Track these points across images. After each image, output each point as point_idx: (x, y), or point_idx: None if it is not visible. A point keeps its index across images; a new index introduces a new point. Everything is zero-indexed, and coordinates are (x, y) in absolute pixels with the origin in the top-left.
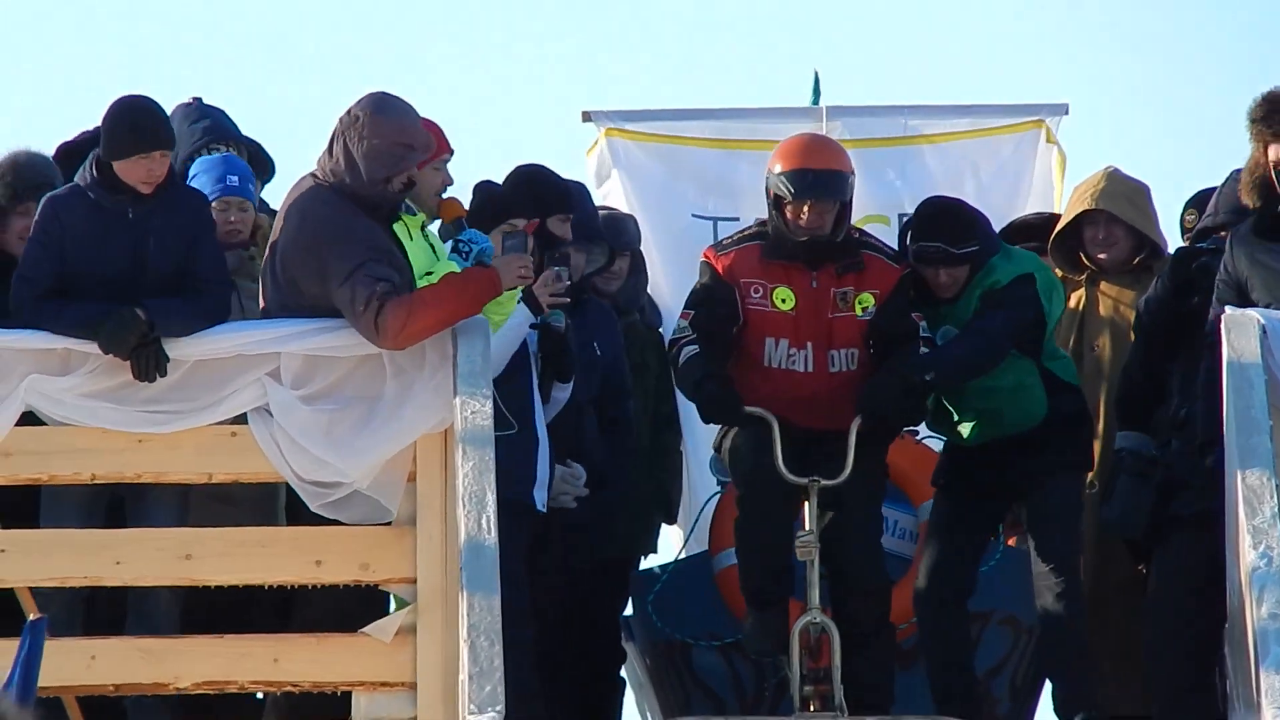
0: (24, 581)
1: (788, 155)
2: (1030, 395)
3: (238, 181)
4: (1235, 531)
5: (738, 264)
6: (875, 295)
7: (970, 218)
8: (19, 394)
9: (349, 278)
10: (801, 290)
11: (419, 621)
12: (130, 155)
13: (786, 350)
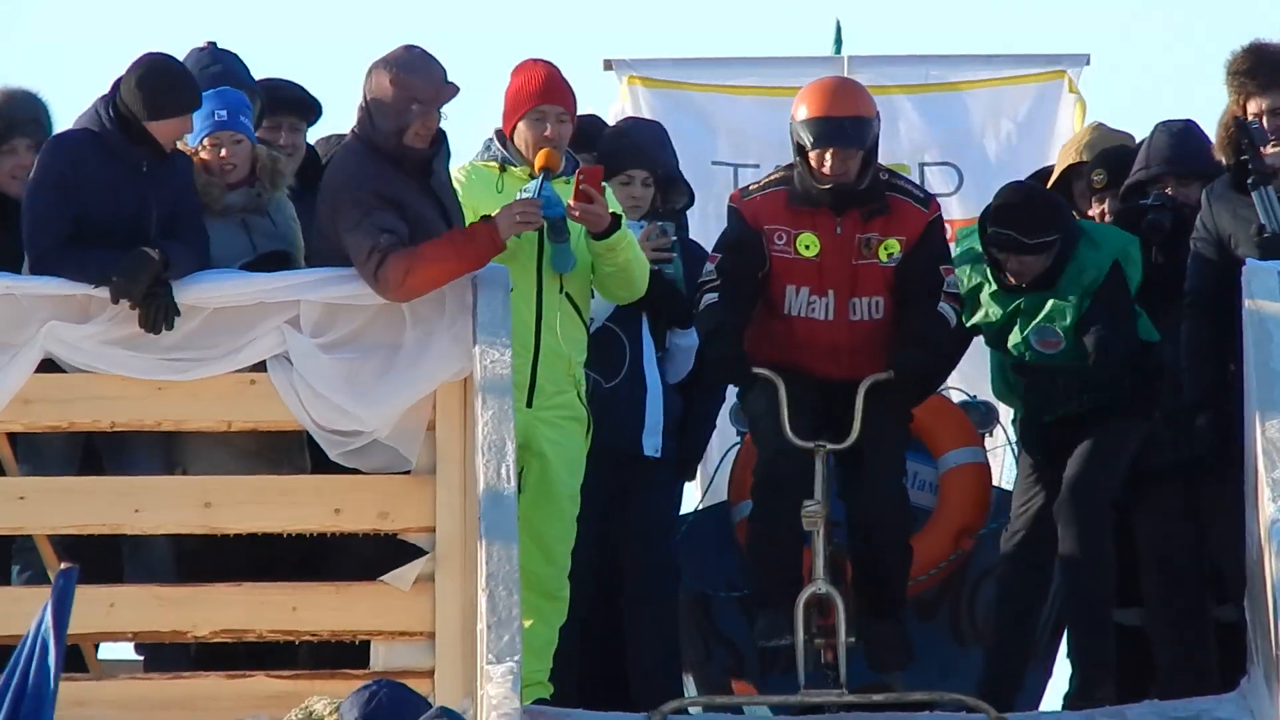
0: (45, 529)
1: (811, 102)
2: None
3: (226, 116)
4: (1255, 484)
5: (762, 210)
6: (901, 241)
7: (1046, 207)
8: (38, 341)
9: (356, 227)
10: (826, 236)
11: (438, 570)
12: (171, 117)
13: (807, 298)
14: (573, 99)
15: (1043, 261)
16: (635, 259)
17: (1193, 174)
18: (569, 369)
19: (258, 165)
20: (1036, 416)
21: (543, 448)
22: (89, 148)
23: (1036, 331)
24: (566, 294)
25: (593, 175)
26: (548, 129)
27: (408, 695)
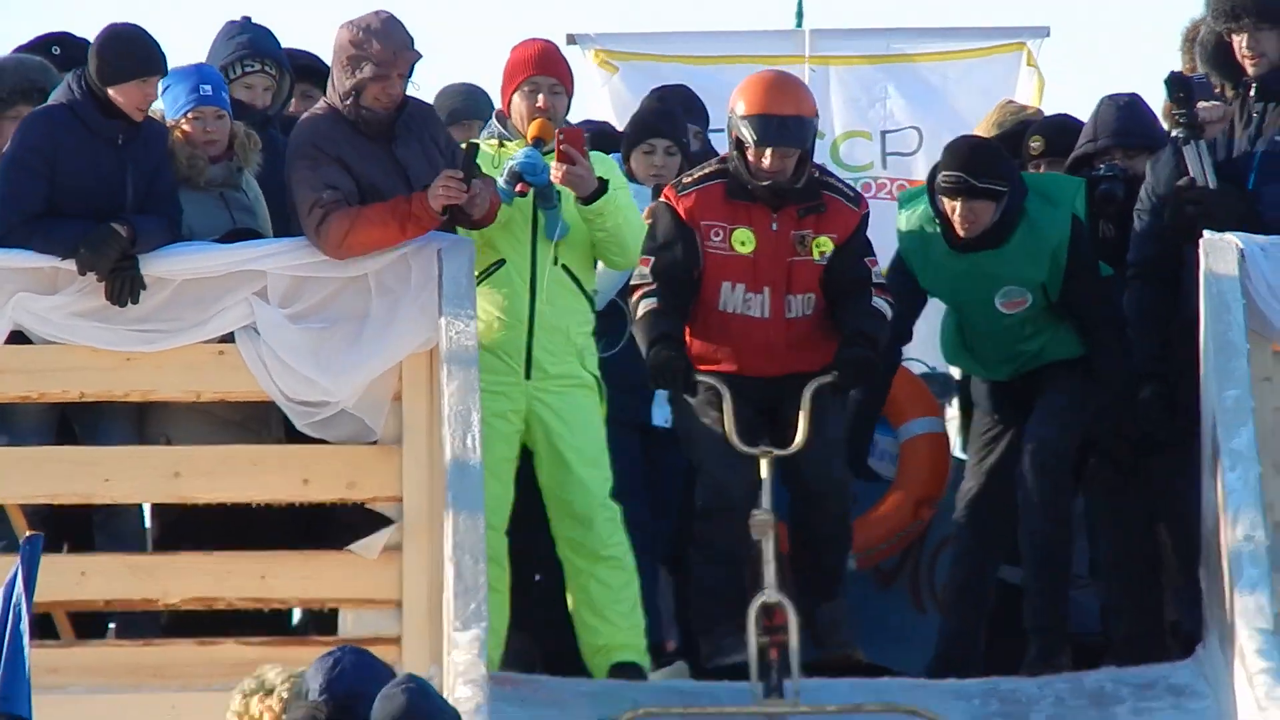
0: (14, 498)
1: (752, 98)
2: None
3: (211, 91)
4: (1211, 455)
5: (699, 205)
6: (834, 239)
7: (995, 153)
8: (7, 312)
9: (302, 181)
10: (762, 232)
11: (405, 540)
12: (129, 80)
13: (743, 295)
14: (567, 71)
15: (991, 211)
16: (626, 223)
17: (1140, 146)
18: (568, 339)
19: (235, 141)
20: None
21: (545, 417)
22: (64, 122)
23: (1003, 294)
24: (563, 265)
25: (573, 136)
26: (540, 99)
27: (372, 662)
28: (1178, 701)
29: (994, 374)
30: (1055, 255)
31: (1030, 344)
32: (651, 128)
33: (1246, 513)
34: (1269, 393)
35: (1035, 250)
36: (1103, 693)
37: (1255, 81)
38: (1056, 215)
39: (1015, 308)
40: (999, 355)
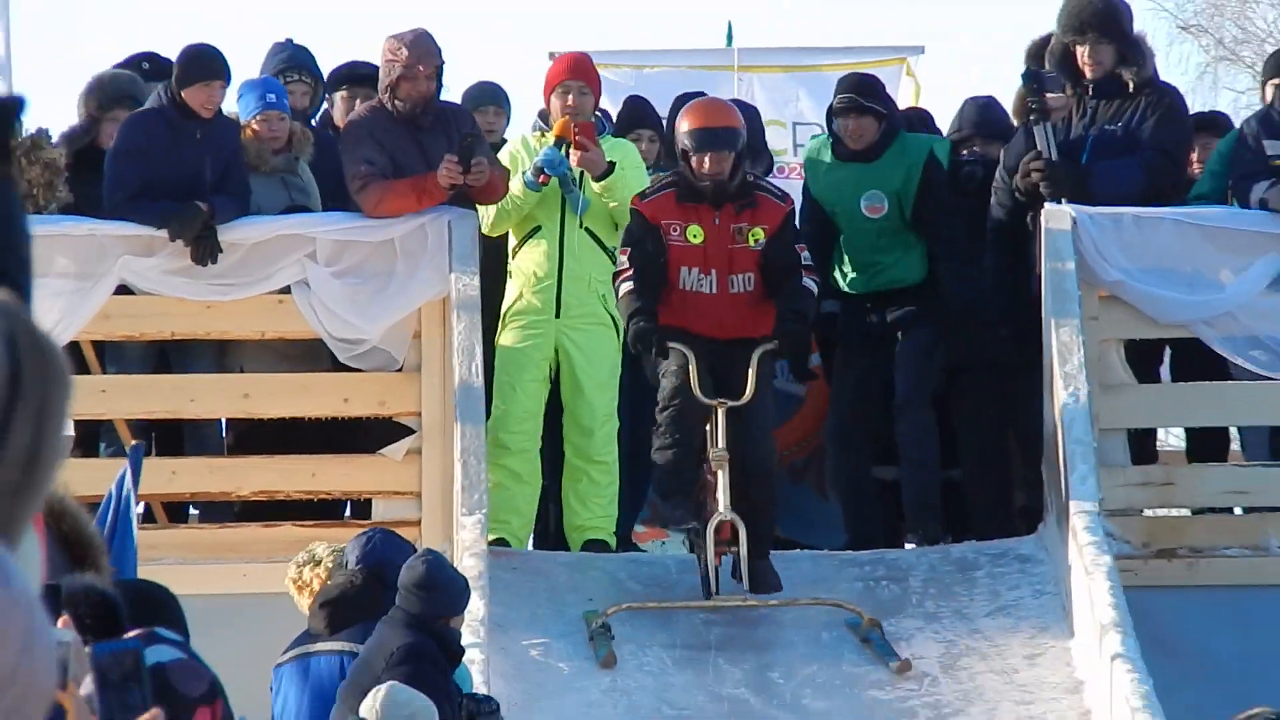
0: (122, 414)
1: (691, 117)
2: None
3: (275, 99)
4: (1051, 376)
5: (658, 208)
6: (765, 229)
7: (877, 85)
8: (115, 271)
9: (349, 156)
10: (708, 226)
11: (423, 445)
12: (196, 83)
13: (697, 276)
14: (594, 75)
15: (874, 127)
16: (631, 196)
17: (994, 135)
18: (590, 286)
19: (294, 136)
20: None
21: (569, 350)
22: (155, 122)
23: (866, 197)
24: (586, 228)
25: (585, 129)
26: (570, 99)
27: (397, 540)
28: (1023, 568)
29: (853, 286)
30: (910, 174)
31: (885, 256)
32: (637, 121)
33: (1078, 422)
34: (1095, 328)
35: (897, 166)
36: (965, 560)
37: (1092, 83)
38: (919, 145)
39: (876, 213)
40: (858, 262)
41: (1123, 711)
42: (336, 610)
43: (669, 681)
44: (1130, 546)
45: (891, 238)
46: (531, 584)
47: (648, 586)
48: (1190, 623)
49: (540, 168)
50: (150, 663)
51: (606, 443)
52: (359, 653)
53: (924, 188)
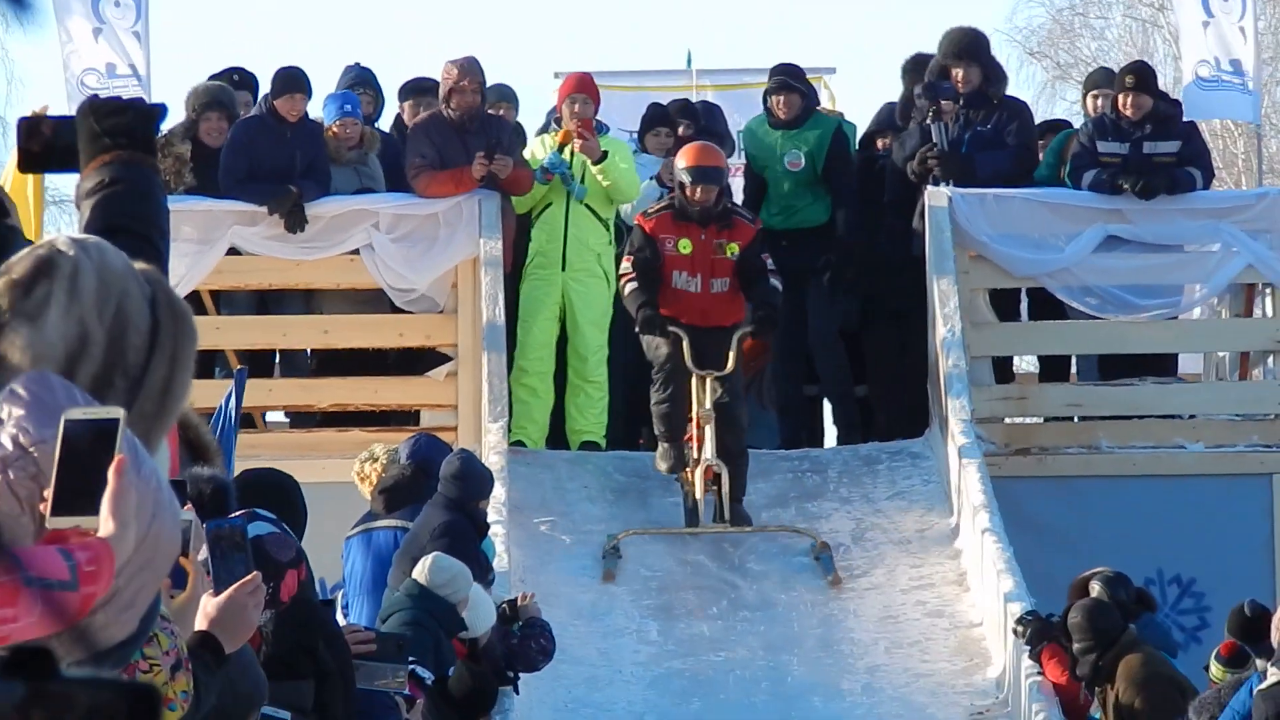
0: (231, 345)
1: (689, 156)
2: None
3: (350, 109)
4: (934, 316)
5: (657, 225)
6: (739, 244)
7: (801, 74)
8: (226, 237)
9: (409, 151)
10: (695, 240)
11: (459, 369)
12: (282, 96)
13: (686, 278)
14: (594, 89)
15: (798, 102)
16: (622, 177)
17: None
18: (589, 248)
19: (364, 136)
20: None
21: (571, 296)
22: (256, 125)
23: (789, 155)
24: (586, 205)
25: (586, 125)
26: (575, 107)
27: (438, 442)
28: (915, 462)
29: (775, 224)
30: (823, 140)
31: (799, 201)
32: (657, 122)
33: (954, 351)
34: (966, 280)
35: (813, 132)
36: (871, 457)
37: (964, 95)
38: (830, 120)
39: (795, 167)
40: (780, 206)
41: (990, 572)
42: (392, 495)
43: (646, 550)
44: (995, 446)
45: (806, 187)
46: (541, 475)
47: (629, 477)
48: (1040, 505)
49: (545, 168)
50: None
51: (598, 367)
52: (409, 528)
53: (832, 151)
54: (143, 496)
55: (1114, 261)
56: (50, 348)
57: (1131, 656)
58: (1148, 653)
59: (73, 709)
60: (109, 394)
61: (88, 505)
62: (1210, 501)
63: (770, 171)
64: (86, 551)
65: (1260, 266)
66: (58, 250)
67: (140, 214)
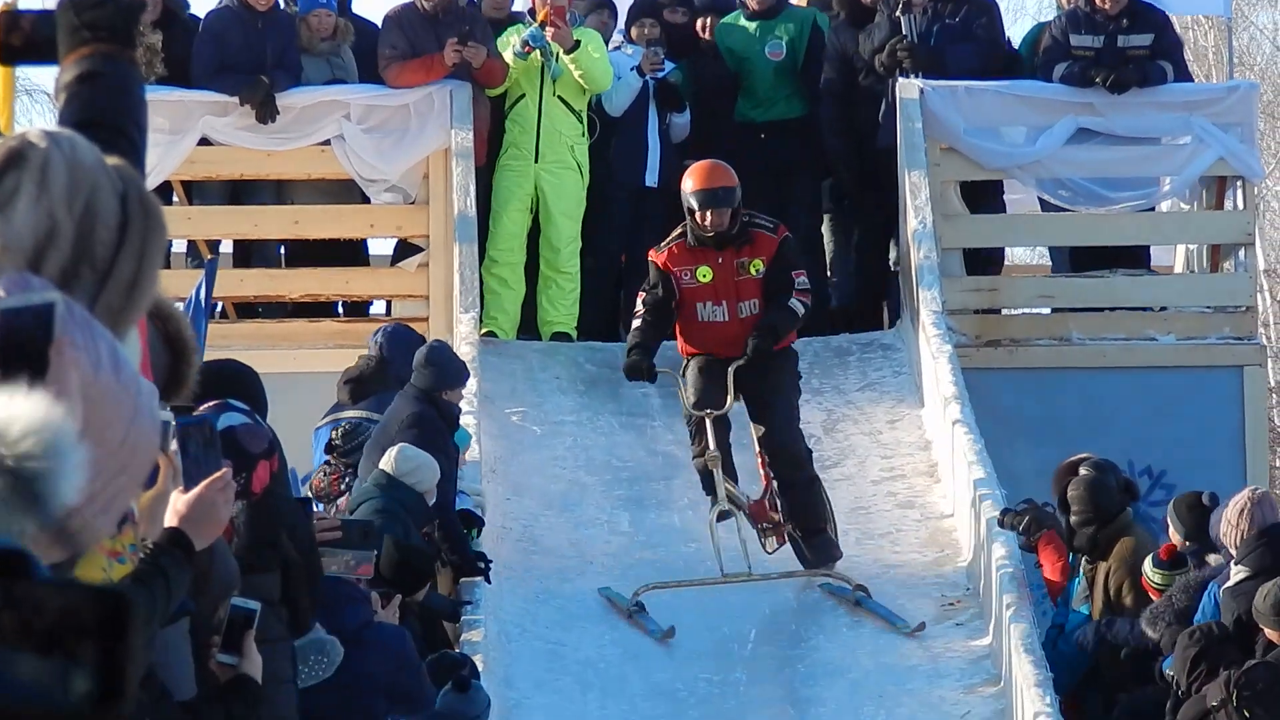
0: (201, 236)
1: (695, 179)
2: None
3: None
4: (905, 208)
5: (670, 258)
6: (763, 259)
7: None
8: (198, 127)
9: (381, 41)
10: (714, 266)
11: (430, 261)
12: None
13: (711, 308)
14: None
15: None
16: (595, 65)
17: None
18: (561, 139)
19: (338, 27)
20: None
21: (544, 188)
22: (226, 15)
23: (769, 45)
24: (559, 96)
25: (559, 12)
26: None
27: (408, 332)
28: (885, 354)
29: (755, 116)
30: (802, 30)
31: (778, 93)
32: (644, 11)
33: (925, 242)
34: (937, 172)
35: (790, 21)
36: (842, 348)
37: None
38: (805, 11)
39: (776, 56)
40: (759, 97)
41: (961, 464)
42: (357, 386)
43: (617, 440)
44: (966, 338)
45: (785, 78)
46: (512, 366)
47: (600, 368)
48: (1011, 396)
49: (526, 41)
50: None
51: (570, 258)
52: (376, 419)
53: (811, 45)
54: (121, 402)
55: (1085, 154)
56: (18, 238)
57: (1127, 539)
58: (1141, 538)
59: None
60: (76, 286)
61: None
62: (1181, 394)
63: (749, 64)
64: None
65: (1231, 159)
66: (29, 142)
67: (117, 108)
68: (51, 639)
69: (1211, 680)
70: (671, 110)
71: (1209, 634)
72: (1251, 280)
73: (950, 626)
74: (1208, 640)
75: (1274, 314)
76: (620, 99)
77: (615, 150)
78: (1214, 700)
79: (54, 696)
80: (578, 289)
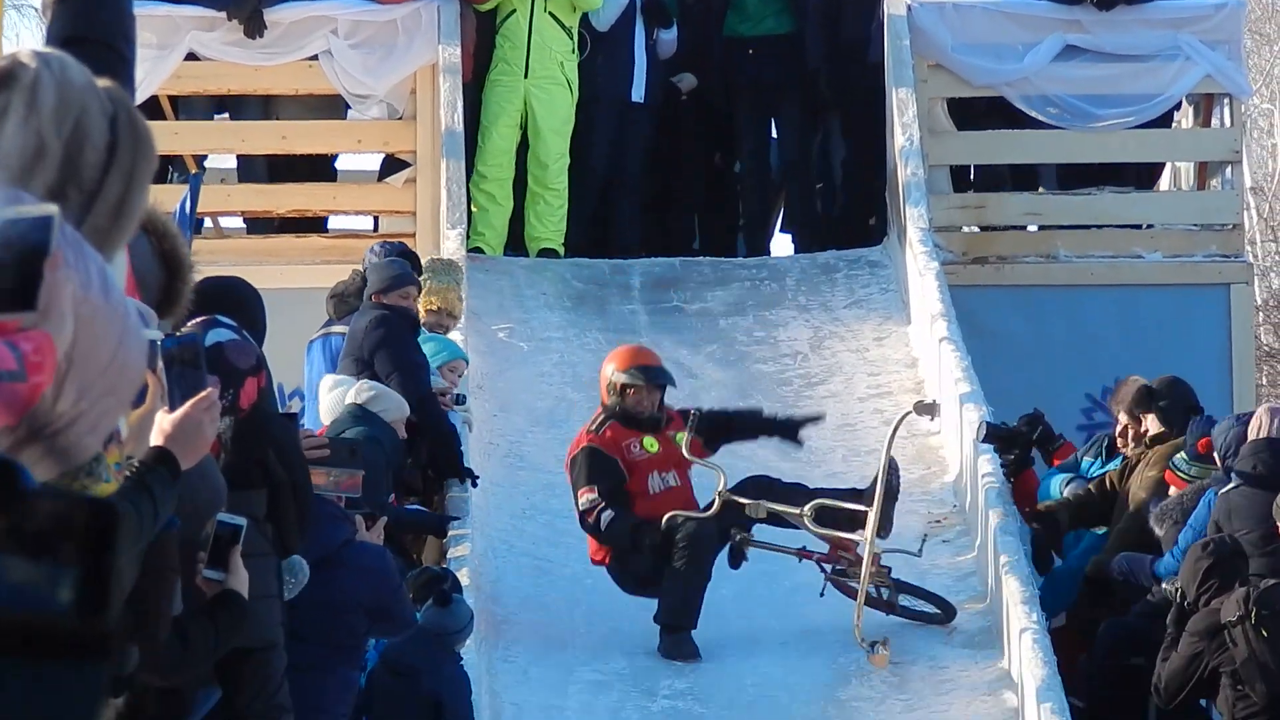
0: (189, 150)
1: (631, 358)
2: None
3: None
4: (893, 124)
5: (611, 438)
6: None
7: None
8: (185, 43)
9: None
10: (656, 437)
11: (418, 176)
12: None
13: (662, 476)
14: None
15: None
16: None
17: None
18: (552, 55)
19: None
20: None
21: (533, 104)
22: None
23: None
24: (549, 12)
25: None
26: None
27: (399, 245)
28: (873, 270)
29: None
30: None
31: (767, 8)
32: None
33: (912, 159)
34: (925, 89)
35: None
36: (829, 265)
37: None
38: None
39: None
40: (751, 12)
41: (948, 381)
42: (340, 302)
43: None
44: (953, 255)
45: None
46: (499, 282)
47: (587, 285)
48: (997, 313)
49: None
50: (210, 343)
51: (559, 175)
52: None
53: None
54: (110, 322)
55: (1073, 71)
56: (5, 158)
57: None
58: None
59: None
60: (63, 207)
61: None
62: (1167, 311)
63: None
64: (30, 343)
65: (1218, 76)
66: (19, 62)
67: (106, 22)
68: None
69: (1222, 595)
70: (659, 25)
71: (1221, 546)
72: (1238, 198)
73: (937, 543)
74: (1220, 553)
75: (1260, 231)
76: (608, 13)
77: (601, 66)
78: (1230, 616)
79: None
80: (565, 206)
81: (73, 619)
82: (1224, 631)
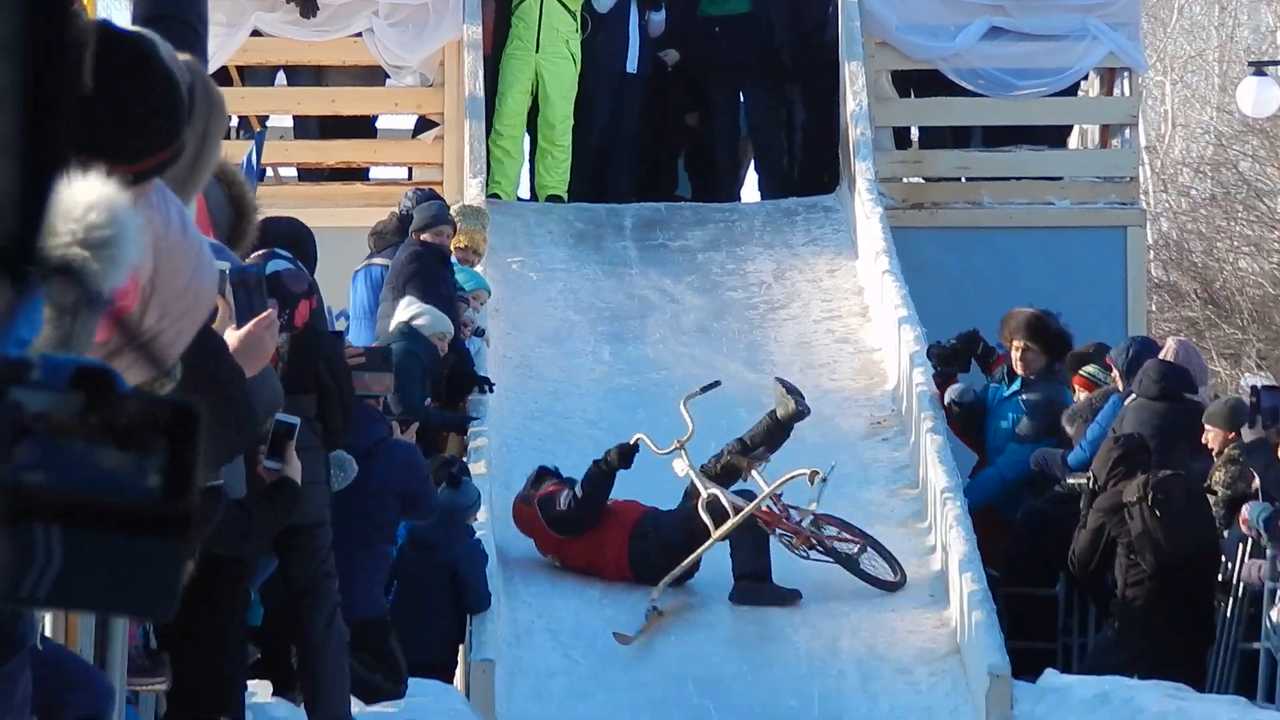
0: (254, 111)
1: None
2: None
3: None
4: (844, 94)
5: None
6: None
7: None
8: (250, 21)
9: None
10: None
11: (445, 134)
12: None
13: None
14: None
15: None
16: None
17: None
18: (559, 34)
19: None
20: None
21: (544, 76)
22: None
23: None
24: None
25: None
26: None
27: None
28: (827, 214)
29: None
30: None
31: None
32: None
33: (861, 121)
34: (872, 63)
35: None
36: (790, 210)
37: None
38: None
39: None
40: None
41: (888, 307)
42: (379, 238)
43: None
44: (894, 201)
45: None
46: (513, 223)
47: (587, 225)
48: (932, 251)
49: None
50: (270, 271)
51: (564, 134)
52: None
53: None
54: (186, 255)
55: (997, 48)
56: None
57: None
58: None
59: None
60: None
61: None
62: (1075, 250)
63: None
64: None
65: (1120, 53)
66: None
67: (182, 3)
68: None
69: (1128, 481)
70: (650, 8)
71: (1130, 440)
72: (1134, 155)
73: (877, 441)
74: (1129, 445)
75: (1152, 184)
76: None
77: (601, 42)
78: (1130, 498)
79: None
80: (569, 159)
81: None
82: (1124, 510)
